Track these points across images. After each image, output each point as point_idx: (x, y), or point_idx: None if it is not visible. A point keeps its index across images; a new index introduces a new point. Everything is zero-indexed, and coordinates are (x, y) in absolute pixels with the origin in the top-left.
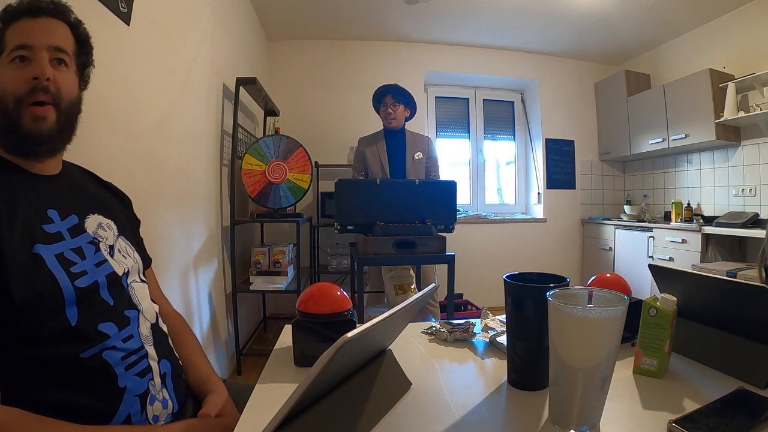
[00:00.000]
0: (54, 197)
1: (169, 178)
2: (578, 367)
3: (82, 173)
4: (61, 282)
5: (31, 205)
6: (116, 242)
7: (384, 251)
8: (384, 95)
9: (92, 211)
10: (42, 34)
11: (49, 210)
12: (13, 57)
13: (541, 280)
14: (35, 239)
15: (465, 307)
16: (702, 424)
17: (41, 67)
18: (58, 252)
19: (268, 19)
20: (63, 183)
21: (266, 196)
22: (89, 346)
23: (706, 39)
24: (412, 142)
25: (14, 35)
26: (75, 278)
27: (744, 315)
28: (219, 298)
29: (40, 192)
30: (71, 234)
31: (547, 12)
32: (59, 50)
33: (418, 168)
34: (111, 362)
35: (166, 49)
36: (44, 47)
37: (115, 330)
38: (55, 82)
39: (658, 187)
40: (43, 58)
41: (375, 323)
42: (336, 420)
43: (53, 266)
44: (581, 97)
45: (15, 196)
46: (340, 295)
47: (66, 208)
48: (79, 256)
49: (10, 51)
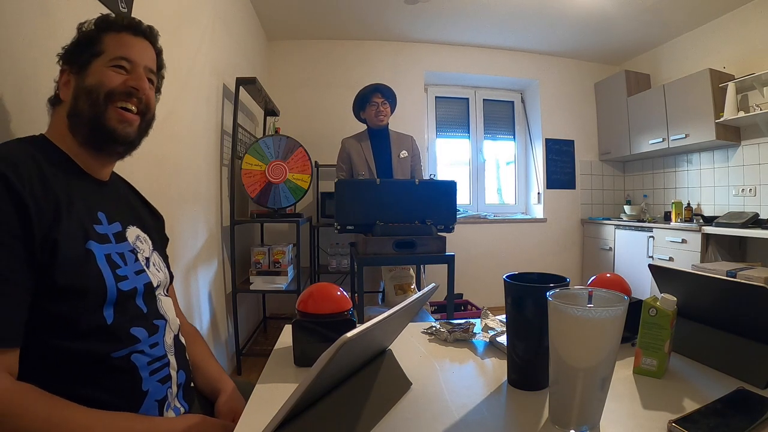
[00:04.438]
0: (103, 202)
1: (169, 178)
2: (578, 367)
3: (125, 185)
4: (107, 281)
5: (85, 202)
6: (152, 255)
7: (384, 251)
8: (373, 93)
9: (132, 223)
10: (142, 53)
11: (99, 212)
12: (114, 64)
13: (541, 280)
14: (89, 235)
15: (465, 307)
16: (702, 424)
17: (142, 80)
18: (107, 252)
19: (268, 19)
20: (110, 190)
21: (266, 196)
22: (120, 346)
23: (706, 39)
24: (396, 141)
25: (116, 46)
26: (119, 280)
27: (744, 315)
28: (219, 298)
29: (93, 193)
30: (116, 239)
31: (547, 12)
32: (151, 71)
33: (404, 166)
34: (138, 365)
35: (166, 49)
36: (143, 65)
37: (145, 335)
38: (147, 97)
39: (658, 187)
40: (142, 74)
41: (375, 323)
42: (336, 420)
43: (102, 265)
44: (581, 97)
45: (73, 192)
46: (340, 295)
47: (112, 215)
48: (123, 261)
49: (112, 58)
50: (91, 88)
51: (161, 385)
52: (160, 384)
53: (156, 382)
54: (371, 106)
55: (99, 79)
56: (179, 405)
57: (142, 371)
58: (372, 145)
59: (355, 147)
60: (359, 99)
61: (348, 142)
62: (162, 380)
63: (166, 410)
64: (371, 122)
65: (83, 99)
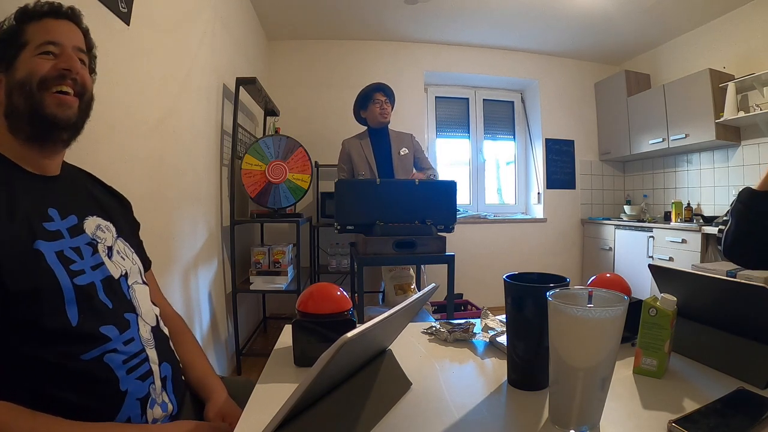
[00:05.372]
0: (54, 197)
1: (169, 178)
2: (578, 367)
3: (82, 175)
4: (60, 279)
5: (32, 202)
6: (115, 244)
7: (384, 251)
8: (376, 91)
9: (91, 213)
10: (68, 34)
11: (49, 209)
12: (41, 51)
13: (541, 280)
14: (36, 235)
15: (465, 307)
16: (702, 424)
17: (72, 61)
18: (58, 249)
19: (268, 19)
20: (63, 184)
21: (266, 196)
22: (90, 347)
23: (706, 39)
24: (396, 138)
25: (40, 32)
26: (74, 276)
27: (744, 315)
28: (219, 298)
29: (40, 191)
30: (70, 234)
31: (547, 12)
32: (81, 51)
33: (405, 164)
34: (112, 365)
35: (166, 49)
36: (70, 46)
37: (116, 333)
38: (81, 76)
39: (658, 187)
40: (72, 54)
41: (375, 323)
42: (336, 420)
43: (53, 263)
44: (581, 97)
45: (15, 192)
46: (340, 295)
47: (65, 209)
48: (78, 256)
49: (38, 45)
50: (23, 80)
51: (141, 382)
52: (140, 381)
53: (135, 380)
54: (375, 104)
55: (28, 70)
56: (167, 400)
57: (117, 371)
58: (372, 143)
59: (356, 146)
60: (361, 98)
61: (348, 143)
62: (142, 377)
63: (151, 408)
64: (372, 121)
65: (17, 94)
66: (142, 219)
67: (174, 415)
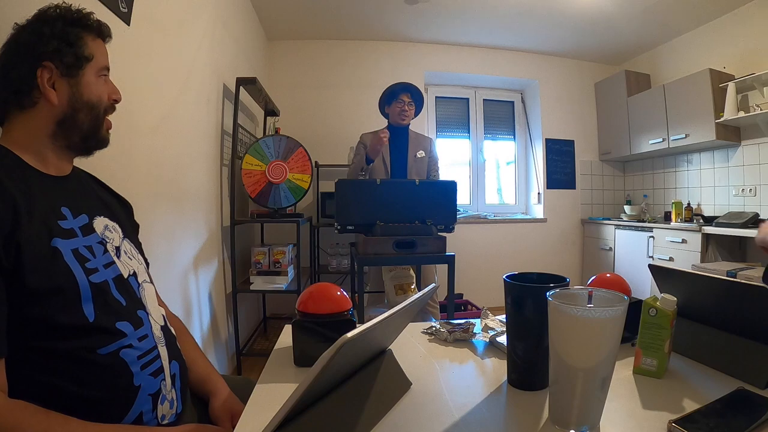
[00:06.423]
0: (66, 196)
1: (169, 178)
2: (578, 367)
3: (87, 176)
4: (77, 276)
5: (47, 201)
6: (122, 244)
7: (384, 251)
8: (402, 91)
9: (99, 213)
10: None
11: (62, 207)
12: (101, 74)
13: (541, 280)
14: (53, 233)
15: (465, 307)
16: (702, 424)
17: (118, 92)
18: (74, 247)
19: (268, 19)
20: (73, 184)
21: (266, 196)
22: (107, 342)
23: (706, 39)
24: (414, 140)
25: (101, 54)
26: (89, 273)
27: (744, 315)
28: (219, 298)
29: (53, 190)
30: (83, 232)
31: (547, 12)
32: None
33: (420, 166)
34: (127, 360)
35: (166, 49)
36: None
37: (131, 329)
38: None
39: (658, 187)
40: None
41: (375, 323)
42: (336, 420)
43: (70, 260)
44: (581, 97)
45: (32, 191)
46: (340, 295)
47: (77, 208)
48: (91, 254)
49: (100, 68)
50: (93, 104)
51: (153, 378)
52: (152, 377)
53: (148, 375)
54: (398, 104)
55: (99, 95)
56: (174, 398)
57: (132, 366)
58: (390, 141)
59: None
60: (387, 94)
61: (366, 137)
62: (154, 373)
63: (161, 403)
64: (393, 119)
65: (85, 113)
66: (142, 219)
67: (179, 413)
